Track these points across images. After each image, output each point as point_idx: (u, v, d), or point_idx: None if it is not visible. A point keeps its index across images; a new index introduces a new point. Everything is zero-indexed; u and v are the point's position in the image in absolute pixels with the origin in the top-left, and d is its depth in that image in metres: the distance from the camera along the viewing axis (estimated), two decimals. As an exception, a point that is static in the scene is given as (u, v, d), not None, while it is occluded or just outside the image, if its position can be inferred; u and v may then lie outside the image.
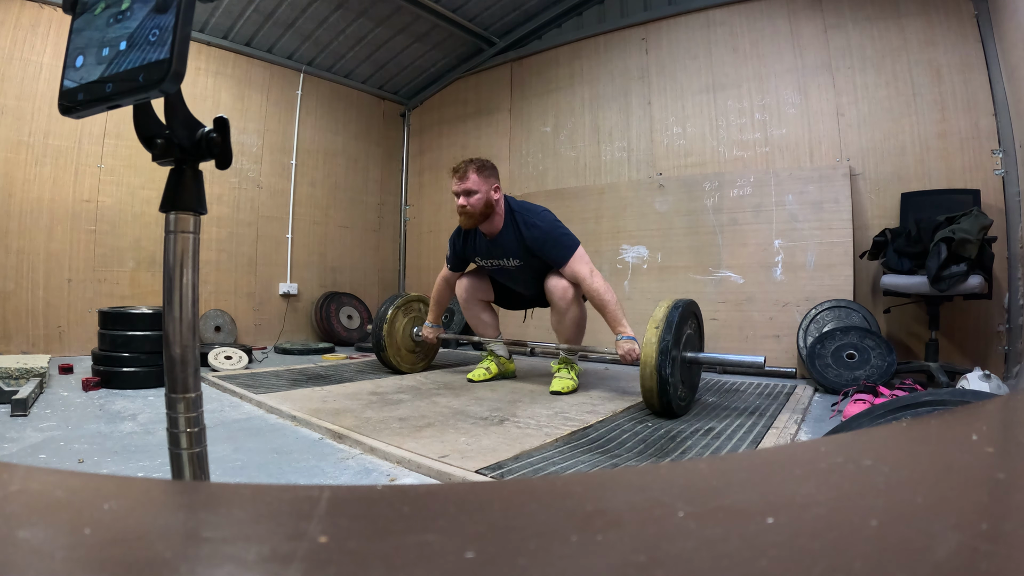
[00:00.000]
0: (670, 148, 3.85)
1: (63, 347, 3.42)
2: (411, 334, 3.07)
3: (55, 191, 3.42)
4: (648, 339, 1.99)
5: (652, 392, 1.97)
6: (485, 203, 2.40)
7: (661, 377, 1.93)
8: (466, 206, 2.39)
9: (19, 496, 0.21)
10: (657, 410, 2.01)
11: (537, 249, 2.43)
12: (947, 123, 2.97)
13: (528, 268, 2.53)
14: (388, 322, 2.95)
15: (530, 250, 2.45)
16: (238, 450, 1.61)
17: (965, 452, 0.26)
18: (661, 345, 1.95)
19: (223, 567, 0.16)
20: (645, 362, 1.97)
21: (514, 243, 2.48)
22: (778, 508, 0.19)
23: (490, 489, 0.24)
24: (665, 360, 1.93)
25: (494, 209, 2.44)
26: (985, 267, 2.50)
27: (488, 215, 2.44)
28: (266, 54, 4.42)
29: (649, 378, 1.96)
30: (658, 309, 2.08)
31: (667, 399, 1.95)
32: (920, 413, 1.01)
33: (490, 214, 2.44)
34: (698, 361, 2.15)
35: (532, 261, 2.49)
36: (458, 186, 2.40)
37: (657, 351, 1.95)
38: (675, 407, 1.99)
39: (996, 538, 0.17)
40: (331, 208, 4.97)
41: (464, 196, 2.39)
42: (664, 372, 1.93)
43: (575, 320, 2.50)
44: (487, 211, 2.42)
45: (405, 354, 3.07)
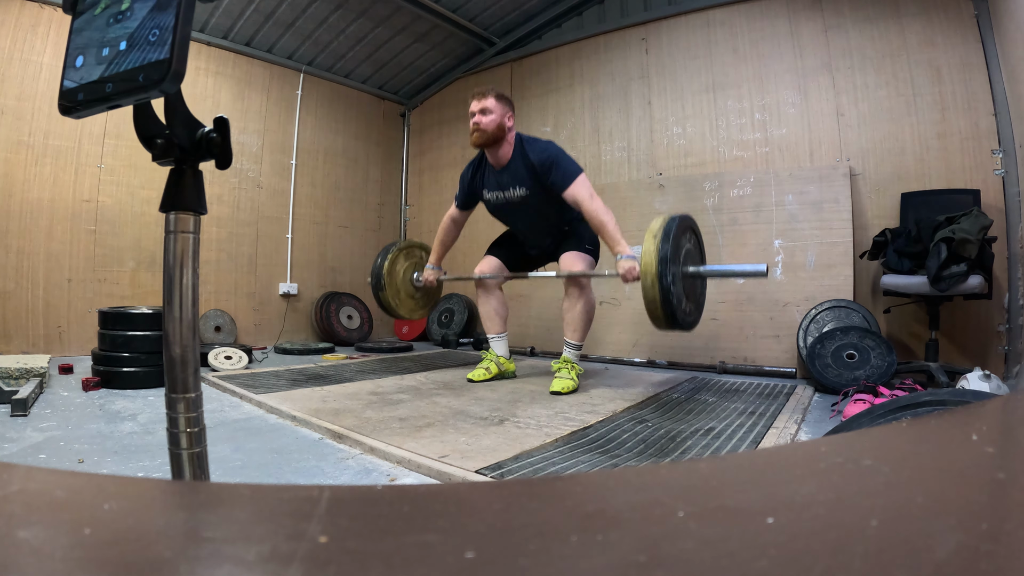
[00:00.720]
0: (670, 148, 3.85)
1: (63, 347, 3.42)
2: (411, 279, 3.04)
3: (55, 191, 3.42)
4: (647, 249, 1.94)
5: (655, 303, 1.90)
6: (498, 125, 2.52)
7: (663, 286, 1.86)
8: (480, 123, 2.52)
9: (19, 496, 0.21)
10: (662, 322, 1.94)
11: (543, 170, 2.50)
12: (947, 123, 2.97)
13: (534, 199, 2.59)
14: (388, 263, 2.92)
15: (537, 174, 2.52)
16: (238, 450, 1.61)
17: (965, 452, 0.26)
18: (660, 254, 1.89)
19: (223, 567, 0.16)
20: (645, 272, 1.92)
21: (522, 169, 2.56)
22: (778, 508, 0.19)
23: (490, 489, 0.24)
24: (665, 269, 1.88)
25: (504, 136, 2.56)
26: (985, 267, 2.50)
27: (499, 139, 2.55)
28: (266, 54, 4.42)
29: (651, 288, 1.90)
30: (654, 222, 2.05)
31: (671, 310, 1.89)
32: (920, 413, 1.01)
33: (500, 139, 2.56)
34: (699, 275, 2.13)
35: (538, 190, 2.56)
36: (476, 105, 2.54)
37: (656, 260, 1.89)
38: (680, 319, 1.93)
39: (996, 538, 0.17)
40: (331, 208, 4.97)
41: (480, 114, 2.53)
42: (665, 281, 1.87)
43: (585, 308, 2.61)
44: (498, 133, 2.54)
45: (404, 298, 3.02)
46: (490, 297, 2.87)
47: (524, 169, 2.56)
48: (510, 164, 2.60)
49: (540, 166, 2.51)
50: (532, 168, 2.53)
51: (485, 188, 2.74)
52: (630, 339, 3.68)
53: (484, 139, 2.55)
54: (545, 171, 2.50)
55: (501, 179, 2.65)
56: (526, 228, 2.78)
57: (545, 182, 2.51)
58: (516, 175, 2.60)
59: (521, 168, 2.57)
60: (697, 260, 2.23)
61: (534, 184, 2.55)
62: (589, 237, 2.71)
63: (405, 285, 3.02)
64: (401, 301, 3.00)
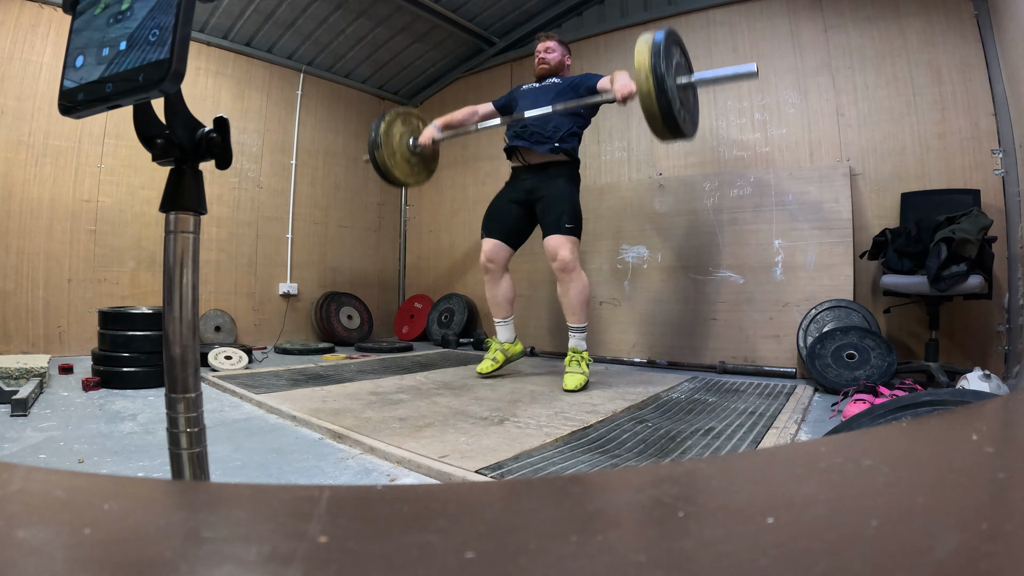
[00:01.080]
0: (670, 148, 3.85)
1: (63, 347, 3.42)
2: (407, 144, 3.05)
3: (55, 191, 3.42)
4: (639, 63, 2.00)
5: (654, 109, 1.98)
6: (559, 62, 2.92)
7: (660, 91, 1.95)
8: (546, 58, 2.90)
9: (19, 496, 0.21)
10: (661, 128, 2.05)
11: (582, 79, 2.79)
12: (947, 123, 2.97)
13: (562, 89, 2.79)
14: (386, 124, 2.93)
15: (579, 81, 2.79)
16: (238, 450, 1.61)
17: (965, 452, 0.26)
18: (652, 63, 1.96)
19: (223, 567, 0.16)
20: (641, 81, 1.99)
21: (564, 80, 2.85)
22: (778, 508, 0.19)
23: (490, 489, 0.24)
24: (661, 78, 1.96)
25: (562, 71, 2.95)
26: (985, 267, 2.50)
27: (558, 72, 2.93)
28: (266, 54, 4.42)
29: (648, 97, 1.99)
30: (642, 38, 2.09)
31: (671, 114, 1.99)
32: (920, 413, 1.01)
33: (560, 71, 2.94)
34: (691, 84, 2.22)
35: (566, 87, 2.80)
36: (542, 46, 2.93)
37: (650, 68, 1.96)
38: (681, 125, 2.05)
39: (996, 538, 0.17)
40: (331, 208, 4.97)
41: (545, 52, 2.91)
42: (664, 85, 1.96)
43: (580, 289, 2.68)
44: (559, 68, 2.93)
45: (400, 161, 3.03)
46: (499, 282, 2.91)
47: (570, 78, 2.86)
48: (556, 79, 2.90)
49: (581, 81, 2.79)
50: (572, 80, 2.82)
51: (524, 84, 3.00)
52: (630, 339, 3.68)
53: (549, 70, 2.91)
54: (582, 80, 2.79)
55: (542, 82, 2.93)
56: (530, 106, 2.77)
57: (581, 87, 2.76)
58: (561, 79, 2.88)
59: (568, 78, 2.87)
60: (686, 72, 2.31)
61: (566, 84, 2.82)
62: (570, 208, 2.72)
63: (401, 148, 3.04)
64: (396, 163, 3.01)
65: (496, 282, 2.91)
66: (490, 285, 2.93)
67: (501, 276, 2.91)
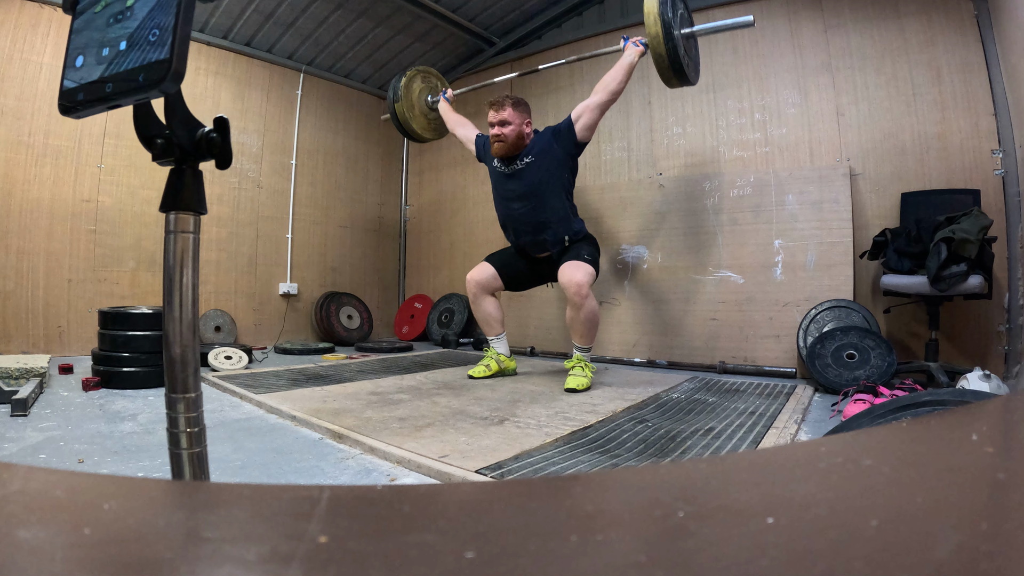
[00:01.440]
0: (670, 148, 3.85)
1: (63, 347, 3.42)
2: (426, 100, 3.27)
3: (55, 191, 3.42)
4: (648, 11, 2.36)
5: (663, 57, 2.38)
6: (518, 135, 2.64)
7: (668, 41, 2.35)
8: (500, 135, 2.63)
9: (19, 496, 0.21)
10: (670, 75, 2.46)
11: (553, 131, 2.69)
12: (947, 123, 2.97)
13: (538, 168, 2.65)
14: (407, 79, 3.15)
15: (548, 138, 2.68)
16: (238, 450, 1.61)
17: (965, 452, 0.26)
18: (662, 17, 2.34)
19: (223, 567, 0.16)
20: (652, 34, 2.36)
21: (536, 143, 2.70)
22: (778, 508, 0.19)
23: (490, 489, 0.24)
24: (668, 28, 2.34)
25: (524, 141, 2.69)
26: (985, 267, 2.50)
27: (519, 146, 2.68)
28: (266, 54, 4.42)
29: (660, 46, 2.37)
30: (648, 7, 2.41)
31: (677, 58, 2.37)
32: (920, 413, 1.01)
33: (521, 145, 2.69)
34: (694, 34, 2.60)
35: (544, 157, 2.66)
36: (495, 116, 2.64)
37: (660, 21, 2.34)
38: (686, 69, 2.42)
39: (996, 538, 0.17)
40: (331, 208, 4.97)
41: (499, 126, 2.63)
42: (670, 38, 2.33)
43: (589, 315, 2.58)
44: (519, 142, 2.66)
45: (418, 115, 3.23)
46: (483, 302, 2.86)
47: (539, 141, 2.70)
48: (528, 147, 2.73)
49: (550, 129, 2.71)
50: (544, 134, 2.70)
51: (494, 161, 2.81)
52: (630, 339, 3.68)
53: (506, 150, 2.65)
54: (554, 129, 2.70)
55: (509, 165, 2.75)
56: (522, 209, 2.72)
57: (556, 134, 2.67)
58: (528, 149, 2.70)
59: (536, 143, 2.70)
60: (689, 24, 2.69)
61: (542, 151, 2.67)
62: (588, 250, 2.69)
63: (420, 103, 3.23)
64: (414, 116, 3.20)
65: (479, 302, 2.87)
66: (474, 306, 2.90)
67: (483, 297, 2.86)
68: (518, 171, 2.68)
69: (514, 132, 2.62)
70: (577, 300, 2.53)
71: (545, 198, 2.65)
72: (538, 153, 2.65)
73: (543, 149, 2.66)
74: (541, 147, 2.66)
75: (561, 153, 2.65)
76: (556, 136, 2.66)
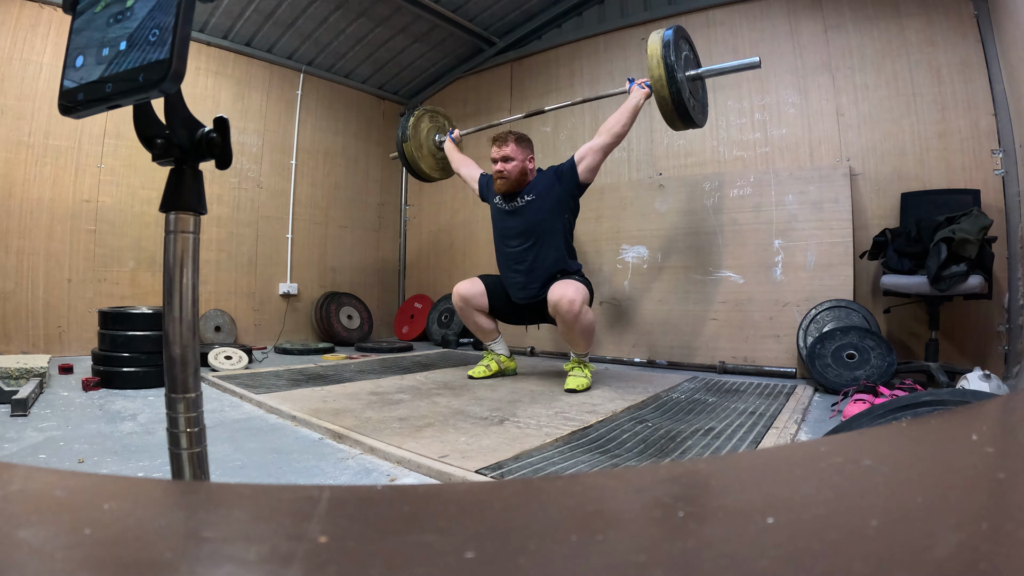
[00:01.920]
0: (670, 148, 3.85)
1: (63, 347, 3.42)
2: (434, 140, 3.30)
3: (55, 191, 3.42)
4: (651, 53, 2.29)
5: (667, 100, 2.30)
6: (520, 171, 2.63)
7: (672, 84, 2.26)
8: (503, 171, 2.62)
9: (19, 496, 0.21)
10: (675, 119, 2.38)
11: (555, 170, 2.66)
12: (947, 123, 2.96)
13: (539, 207, 2.63)
14: (414, 119, 3.20)
15: (549, 177, 2.66)
16: (238, 450, 1.61)
17: (965, 452, 0.26)
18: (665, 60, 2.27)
19: (223, 567, 0.16)
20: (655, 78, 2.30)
21: (537, 181, 2.68)
22: (778, 508, 0.19)
23: (490, 489, 0.24)
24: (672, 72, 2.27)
25: (527, 177, 2.68)
26: (985, 267, 2.50)
27: (522, 182, 2.67)
28: (266, 54, 4.42)
29: (663, 90, 2.29)
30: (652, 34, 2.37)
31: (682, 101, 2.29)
32: (920, 413, 1.01)
33: (524, 181, 2.68)
34: (700, 76, 2.49)
35: (543, 196, 2.63)
36: (498, 153, 2.63)
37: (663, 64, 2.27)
38: (691, 112, 2.35)
39: (996, 538, 0.17)
40: (331, 208, 4.97)
41: (502, 162, 2.62)
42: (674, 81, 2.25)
43: (584, 329, 2.51)
44: (521, 178, 2.65)
45: (426, 154, 3.28)
46: (470, 314, 2.82)
47: (539, 179, 2.68)
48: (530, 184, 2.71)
49: (552, 169, 2.68)
50: (545, 173, 2.68)
51: (495, 198, 2.79)
52: (630, 339, 3.68)
53: (509, 186, 2.64)
54: (556, 169, 2.66)
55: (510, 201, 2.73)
56: (520, 247, 2.66)
57: (557, 172, 2.64)
58: (530, 187, 2.68)
59: (536, 180, 2.69)
60: (694, 65, 2.58)
61: (544, 191, 2.62)
62: (580, 278, 2.62)
63: (428, 143, 3.27)
64: (423, 156, 3.24)
65: (466, 315, 2.83)
66: (462, 317, 2.86)
67: (470, 311, 2.81)
68: (519, 208, 2.66)
69: (517, 168, 2.61)
70: (569, 318, 2.43)
71: (544, 237, 2.61)
72: (540, 192, 2.62)
73: (545, 188, 2.63)
74: (543, 186, 2.64)
75: (563, 193, 2.61)
76: (558, 176, 2.63)
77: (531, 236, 2.64)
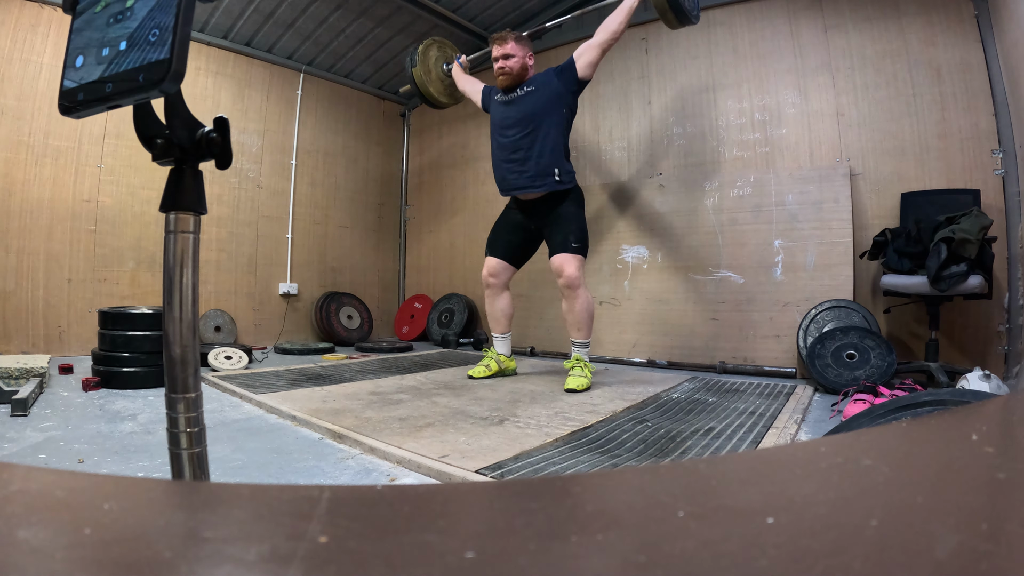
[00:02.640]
0: (670, 148, 3.85)
1: (63, 347, 3.42)
2: (442, 67, 3.37)
3: (55, 191, 3.42)
4: None
5: None
6: (521, 66, 2.72)
7: None
8: (505, 67, 2.71)
9: (19, 496, 0.21)
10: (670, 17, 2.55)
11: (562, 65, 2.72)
12: (947, 123, 2.96)
13: (538, 96, 2.69)
14: (423, 47, 3.29)
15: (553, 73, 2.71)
16: (238, 450, 1.61)
17: (965, 452, 0.26)
18: None
19: (223, 567, 0.16)
20: None
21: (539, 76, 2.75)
22: (778, 508, 0.19)
23: (490, 489, 0.24)
24: None
25: (527, 73, 2.77)
26: (985, 267, 2.50)
27: (523, 76, 2.75)
28: (266, 54, 4.42)
29: None
30: None
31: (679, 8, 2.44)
32: (920, 413, 1.01)
33: (524, 76, 2.76)
34: None
35: (544, 88, 2.70)
36: (498, 50, 2.72)
37: None
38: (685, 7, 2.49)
39: (996, 538, 0.17)
40: (331, 208, 4.97)
41: (503, 59, 2.71)
42: None
43: (585, 307, 2.64)
44: (523, 73, 2.74)
45: (434, 79, 3.35)
46: (498, 298, 2.91)
47: (541, 75, 2.75)
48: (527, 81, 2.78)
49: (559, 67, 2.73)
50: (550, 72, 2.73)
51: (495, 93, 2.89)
52: (630, 339, 3.68)
53: (511, 81, 2.73)
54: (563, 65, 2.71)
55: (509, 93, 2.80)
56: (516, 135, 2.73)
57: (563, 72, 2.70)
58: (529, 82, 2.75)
59: (538, 75, 2.76)
60: None
61: (543, 83, 2.71)
62: (576, 228, 2.66)
63: (436, 69, 3.36)
64: (431, 80, 3.32)
65: (495, 297, 2.91)
66: (490, 300, 2.93)
67: (501, 292, 2.91)
68: (517, 98, 2.75)
69: (518, 63, 2.71)
70: (569, 293, 2.61)
71: (540, 125, 2.68)
72: (539, 84, 2.72)
73: (544, 81, 2.72)
74: (543, 80, 2.73)
75: (561, 88, 2.70)
76: (558, 73, 2.72)
77: (528, 124, 2.70)
